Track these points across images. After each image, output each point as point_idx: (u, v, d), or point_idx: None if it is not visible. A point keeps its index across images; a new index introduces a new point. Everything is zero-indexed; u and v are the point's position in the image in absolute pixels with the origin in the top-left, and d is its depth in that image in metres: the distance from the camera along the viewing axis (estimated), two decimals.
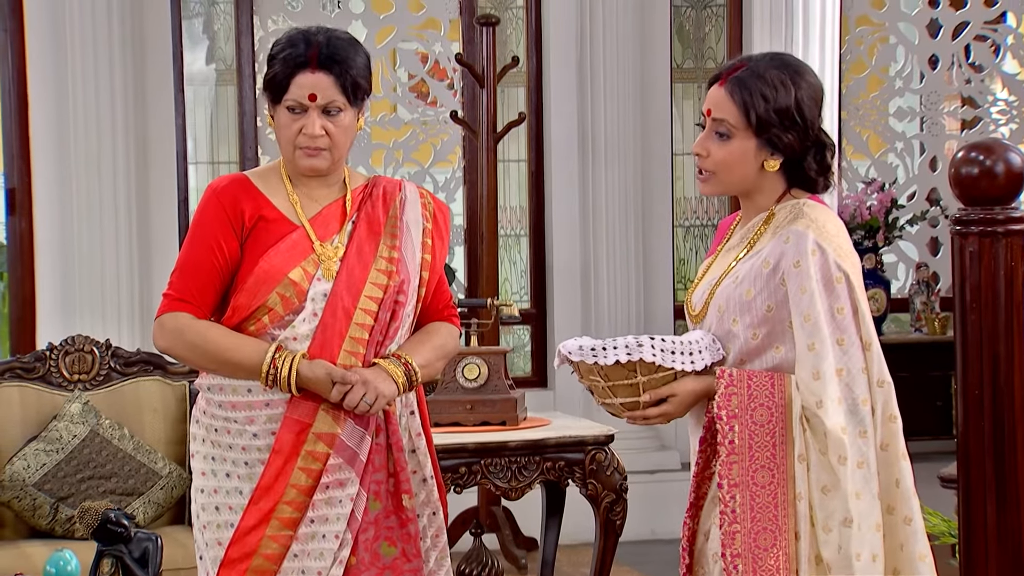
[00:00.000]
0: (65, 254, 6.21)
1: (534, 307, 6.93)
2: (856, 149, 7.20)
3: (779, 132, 2.94)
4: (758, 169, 2.98)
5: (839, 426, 2.84)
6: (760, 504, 2.88)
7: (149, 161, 6.28)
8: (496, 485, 4.28)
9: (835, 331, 2.87)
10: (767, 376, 2.91)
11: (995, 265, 3.11)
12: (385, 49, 6.75)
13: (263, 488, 3.17)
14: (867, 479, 2.86)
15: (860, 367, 2.87)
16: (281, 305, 3.20)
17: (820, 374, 2.85)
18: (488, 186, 6.15)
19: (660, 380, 2.95)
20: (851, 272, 2.89)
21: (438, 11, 6.80)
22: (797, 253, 2.89)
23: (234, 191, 3.26)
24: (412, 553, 3.24)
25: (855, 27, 7.18)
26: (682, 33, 7.10)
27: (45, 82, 6.22)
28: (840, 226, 2.96)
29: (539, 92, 6.88)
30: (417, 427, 3.35)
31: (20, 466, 4.53)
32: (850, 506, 2.82)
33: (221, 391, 3.24)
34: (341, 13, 6.77)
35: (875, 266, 6.67)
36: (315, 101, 3.20)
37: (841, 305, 2.87)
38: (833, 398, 2.84)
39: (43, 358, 4.72)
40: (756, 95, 2.93)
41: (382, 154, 6.80)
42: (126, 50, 6.19)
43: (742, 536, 2.87)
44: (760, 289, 2.93)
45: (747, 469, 2.88)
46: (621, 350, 2.91)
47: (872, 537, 2.86)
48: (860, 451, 2.86)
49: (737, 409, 2.89)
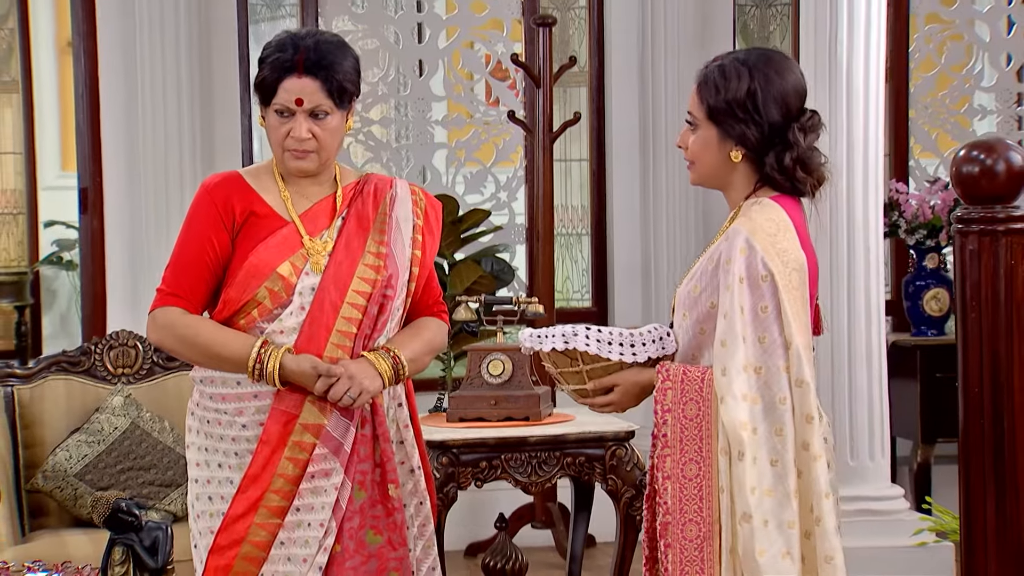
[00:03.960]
0: (133, 251, 6.38)
1: (595, 306, 6.96)
2: (924, 148, 7.13)
3: (732, 122, 3.00)
4: (726, 159, 3.04)
5: (738, 422, 2.87)
6: (688, 496, 2.94)
7: (215, 162, 6.42)
8: (516, 479, 4.33)
9: (757, 329, 2.90)
10: (700, 371, 2.97)
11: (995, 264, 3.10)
12: (448, 50, 6.83)
13: (251, 477, 3.26)
14: (780, 476, 2.89)
15: (781, 366, 2.91)
16: (270, 299, 3.29)
17: (727, 371, 2.89)
18: (544, 185, 6.21)
19: (603, 370, 3.03)
20: (778, 271, 2.91)
21: (501, 11, 6.87)
22: (729, 251, 2.95)
23: (226, 188, 3.36)
24: (397, 542, 3.31)
25: (924, 25, 7.10)
26: (746, 32, 7.09)
27: (115, 86, 6.40)
28: (784, 226, 2.97)
29: (600, 92, 6.92)
30: (405, 419, 3.42)
31: (62, 457, 4.68)
32: (749, 502, 2.86)
33: (212, 383, 3.34)
34: (404, 14, 6.86)
35: (938, 265, 6.59)
36: (302, 105, 3.28)
37: (765, 304, 2.91)
38: (736, 395, 2.88)
39: (88, 352, 4.87)
40: (711, 85, 3.03)
41: (444, 154, 6.88)
42: (193, 54, 6.35)
43: (672, 527, 2.94)
44: (705, 286, 2.99)
45: (678, 462, 2.95)
46: (558, 338, 3.00)
47: (782, 535, 2.88)
48: (774, 449, 2.89)
49: (671, 403, 2.96)
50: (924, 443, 6.43)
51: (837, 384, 5.57)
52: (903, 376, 6.42)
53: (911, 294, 6.57)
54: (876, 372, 5.61)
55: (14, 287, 9.45)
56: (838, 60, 5.53)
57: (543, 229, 6.20)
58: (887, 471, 5.67)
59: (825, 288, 5.50)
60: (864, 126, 5.54)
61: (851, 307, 5.58)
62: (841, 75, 5.53)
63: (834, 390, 5.55)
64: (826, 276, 5.51)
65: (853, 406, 5.58)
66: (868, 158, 5.58)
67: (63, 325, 10.07)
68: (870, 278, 5.59)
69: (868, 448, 5.60)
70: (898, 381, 6.38)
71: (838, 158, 5.54)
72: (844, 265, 5.57)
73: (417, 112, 6.84)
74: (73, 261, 9.66)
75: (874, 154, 5.58)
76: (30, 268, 9.53)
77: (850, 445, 5.57)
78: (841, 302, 5.57)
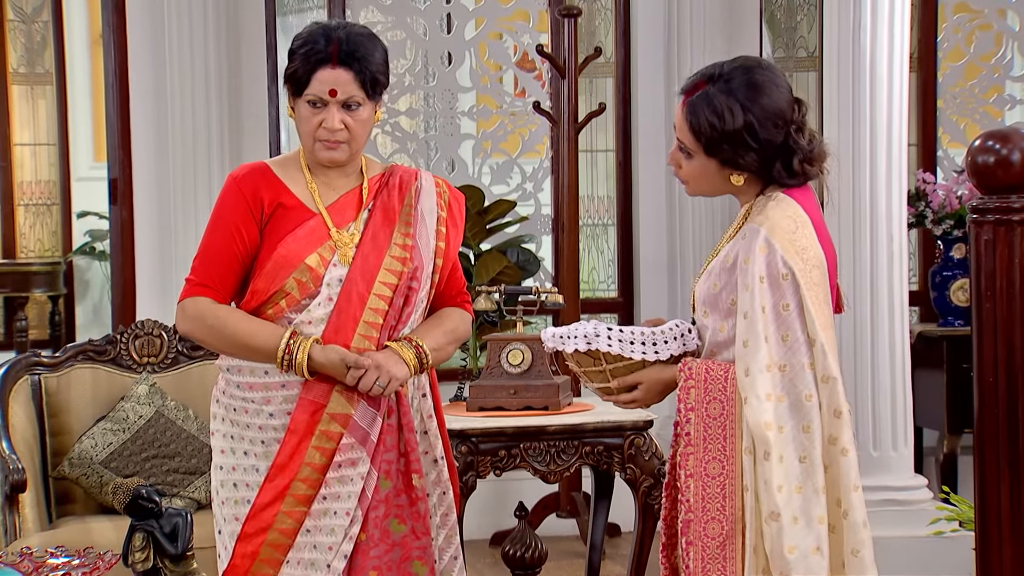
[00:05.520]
0: (162, 242, 6.44)
1: (621, 296, 6.98)
2: (952, 138, 7.10)
3: (732, 155, 2.97)
4: (726, 181, 3.03)
5: (762, 422, 2.87)
6: (711, 494, 2.94)
7: (243, 153, 6.46)
8: (535, 468, 4.35)
9: (780, 327, 2.90)
10: (723, 369, 2.96)
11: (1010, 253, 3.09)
12: (475, 41, 6.85)
13: (278, 466, 3.30)
14: (808, 473, 2.89)
15: (805, 363, 2.90)
16: (298, 290, 3.32)
17: (749, 371, 2.89)
18: (569, 176, 6.23)
19: (626, 368, 3.04)
20: (799, 269, 2.90)
21: (527, 2, 6.88)
22: (748, 250, 2.93)
23: (254, 179, 3.39)
24: (421, 531, 3.34)
25: (952, 15, 7.08)
26: (773, 22, 7.08)
27: (144, 79, 6.45)
28: (801, 222, 2.96)
29: (626, 82, 6.93)
30: (429, 409, 3.45)
31: (88, 444, 4.73)
32: (777, 500, 2.85)
33: (239, 372, 3.37)
34: (432, 5, 6.88)
35: (965, 255, 6.57)
36: (335, 96, 3.31)
37: (787, 302, 2.90)
38: (760, 395, 2.87)
39: (114, 341, 4.92)
40: (704, 121, 2.96)
41: (471, 144, 6.91)
42: (221, 46, 6.40)
43: (695, 525, 2.94)
44: (724, 284, 2.99)
45: (701, 460, 2.95)
46: (580, 339, 3.00)
47: (812, 530, 2.88)
48: (802, 445, 2.89)
49: (694, 402, 2.96)
50: (951, 434, 6.42)
51: (860, 375, 5.57)
52: (930, 367, 6.41)
53: (938, 284, 6.56)
54: (900, 362, 5.61)
55: (48, 277, 9.54)
56: (862, 49, 5.53)
57: (568, 220, 6.22)
58: (910, 461, 5.67)
59: (848, 279, 5.50)
60: (888, 116, 5.54)
61: (874, 297, 5.58)
62: (864, 65, 5.53)
63: (857, 381, 5.55)
64: (849, 267, 5.52)
65: (876, 397, 5.58)
66: (892, 148, 5.57)
67: (96, 315, 10.15)
68: (893, 268, 5.59)
69: (892, 438, 5.60)
70: (925, 372, 6.37)
71: (861, 148, 5.54)
72: (867, 255, 5.57)
73: (444, 103, 6.87)
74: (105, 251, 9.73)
75: (898, 144, 5.58)
76: (63, 258, 9.62)
77: (873, 436, 5.57)
78: (864, 292, 5.57)
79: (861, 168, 5.53)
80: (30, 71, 9.40)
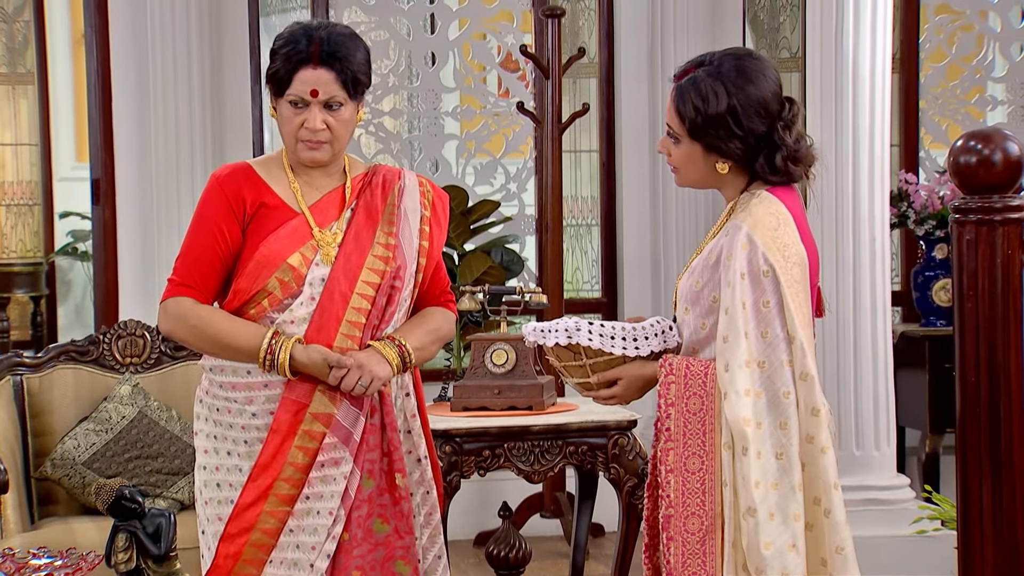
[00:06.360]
0: (145, 242, 6.43)
1: (605, 296, 6.98)
2: (935, 139, 7.13)
3: (714, 139, 2.99)
4: (712, 169, 3.04)
5: (741, 418, 2.88)
6: (690, 490, 2.95)
7: (226, 153, 6.45)
8: (519, 468, 4.35)
9: (760, 323, 2.91)
10: (703, 365, 2.97)
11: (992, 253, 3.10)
12: (458, 41, 6.85)
13: (261, 466, 3.30)
14: (785, 470, 2.89)
15: (784, 360, 2.91)
16: (280, 289, 3.32)
17: (729, 367, 2.90)
18: (553, 176, 6.23)
19: (606, 364, 3.05)
20: (780, 266, 2.92)
21: (511, 3, 6.88)
22: (730, 246, 2.95)
23: (236, 179, 3.38)
24: (404, 530, 3.34)
25: (934, 16, 7.10)
26: (756, 22, 7.09)
27: (127, 78, 6.44)
28: (784, 220, 2.97)
29: (610, 83, 6.93)
30: (412, 408, 3.45)
31: (71, 445, 4.72)
32: (754, 496, 2.86)
33: (222, 372, 3.37)
34: (415, 5, 6.87)
35: (947, 256, 6.58)
36: (317, 96, 3.31)
37: (767, 299, 2.91)
38: (739, 391, 2.88)
39: (96, 341, 4.90)
40: (689, 105, 2.99)
41: (454, 144, 6.90)
42: (204, 46, 6.38)
43: (675, 520, 2.94)
44: (707, 280, 3.00)
45: (681, 456, 2.95)
46: (561, 333, 3.01)
47: (788, 527, 2.89)
48: (779, 442, 2.90)
49: (674, 397, 2.97)
50: (933, 433, 6.44)
51: (843, 374, 5.58)
52: (912, 366, 6.43)
53: (920, 285, 6.58)
54: (882, 362, 5.62)
55: (30, 277, 9.52)
56: (844, 50, 5.55)
57: (552, 220, 6.23)
58: (892, 461, 5.68)
59: (830, 278, 5.51)
60: (870, 116, 5.55)
61: (857, 297, 5.59)
62: (847, 66, 5.55)
63: (840, 380, 5.57)
64: (831, 267, 5.53)
65: (859, 396, 5.59)
66: (874, 149, 5.59)
67: (78, 315, 10.13)
68: (876, 268, 5.60)
69: (874, 438, 5.61)
70: (907, 371, 6.39)
71: (843, 149, 5.55)
72: (850, 255, 5.58)
73: (428, 104, 6.87)
74: (88, 252, 9.72)
75: (880, 145, 5.59)
76: (46, 259, 9.60)
77: (856, 435, 5.59)
78: (847, 292, 5.58)
79: (844, 168, 5.55)
80: (11, 71, 9.37)
